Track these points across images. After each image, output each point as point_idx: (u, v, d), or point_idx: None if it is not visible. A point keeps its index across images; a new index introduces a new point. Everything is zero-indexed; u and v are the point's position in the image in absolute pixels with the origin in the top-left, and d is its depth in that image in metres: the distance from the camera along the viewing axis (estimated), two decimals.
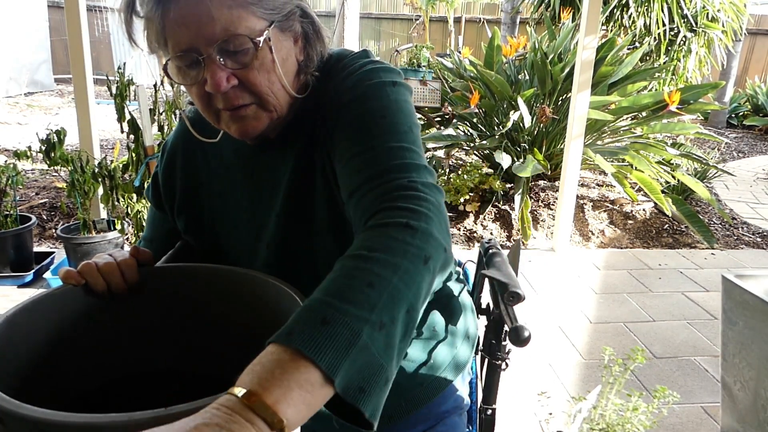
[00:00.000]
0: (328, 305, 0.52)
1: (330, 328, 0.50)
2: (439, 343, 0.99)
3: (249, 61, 0.74)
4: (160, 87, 2.95)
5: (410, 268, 0.57)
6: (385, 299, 0.54)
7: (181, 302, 0.80)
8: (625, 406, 0.95)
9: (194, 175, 0.96)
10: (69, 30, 2.80)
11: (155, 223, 1.05)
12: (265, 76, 0.76)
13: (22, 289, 2.78)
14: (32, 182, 4.21)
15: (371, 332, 0.51)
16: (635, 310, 2.83)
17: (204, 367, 0.79)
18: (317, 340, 0.49)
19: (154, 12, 0.71)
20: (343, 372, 0.49)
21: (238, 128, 0.79)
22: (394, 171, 0.69)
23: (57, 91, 9.18)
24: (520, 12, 8.40)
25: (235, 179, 0.91)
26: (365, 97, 0.77)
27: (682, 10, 5.66)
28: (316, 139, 0.82)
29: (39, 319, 0.71)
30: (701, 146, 6.30)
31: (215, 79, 0.72)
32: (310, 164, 0.83)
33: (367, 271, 0.55)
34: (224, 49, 0.72)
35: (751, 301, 1.45)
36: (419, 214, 0.62)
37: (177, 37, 0.72)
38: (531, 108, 4.04)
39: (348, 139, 0.75)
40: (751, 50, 10.18)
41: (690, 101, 4.01)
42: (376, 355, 0.51)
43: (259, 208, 0.89)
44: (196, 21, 0.70)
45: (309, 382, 0.47)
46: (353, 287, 0.54)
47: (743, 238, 3.97)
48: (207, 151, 0.95)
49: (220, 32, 0.71)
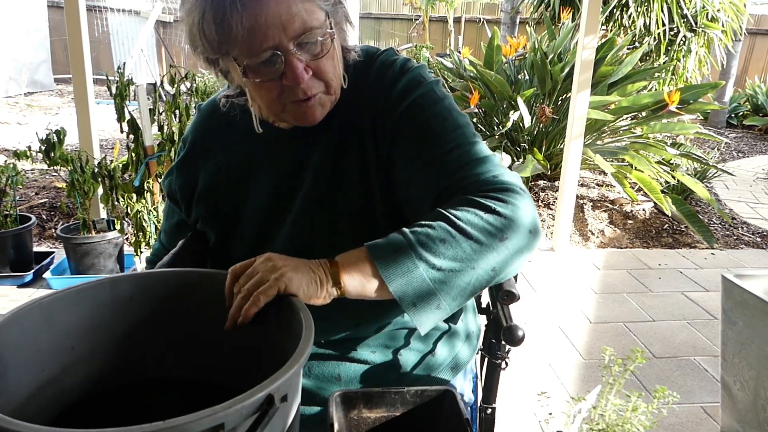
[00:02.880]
0: (407, 242, 0.74)
1: (398, 255, 0.73)
2: (438, 341, 0.99)
3: (321, 52, 0.79)
4: (159, 87, 2.95)
5: (483, 240, 0.75)
6: (452, 254, 0.74)
7: (179, 308, 0.79)
8: (625, 406, 0.95)
9: (214, 164, 0.97)
10: (69, 30, 2.80)
11: (168, 215, 1.08)
12: (331, 64, 0.81)
13: (22, 289, 2.78)
14: (32, 182, 4.21)
15: (427, 268, 0.73)
16: (635, 310, 2.83)
17: (204, 374, 0.79)
18: (386, 258, 0.74)
19: (234, 18, 0.73)
20: (397, 284, 0.73)
21: (304, 117, 0.83)
22: (473, 167, 0.81)
23: (57, 91, 9.17)
24: (519, 12, 8.40)
25: (258, 164, 0.93)
26: (424, 99, 0.85)
27: (681, 10, 5.66)
28: (351, 124, 0.88)
29: (30, 329, 0.68)
30: (701, 146, 6.30)
31: (297, 72, 0.77)
32: (341, 147, 0.88)
33: (447, 232, 0.74)
34: (301, 43, 0.77)
35: (751, 301, 1.44)
36: (505, 202, 0.77)
37: (262, 37, 0.75)
38: (531, 108, 4.04)
39: (421, 143, 0.83)
40: (751, 50, 10.18)
41: (690, 101, 4.01)
42: (432, 285, 0.73)
43: (283, 191, 0.91)
44: (279, 19, 0.74)
45: (368, 276, 0.74)
46: (430, 236, 0.74)
47: (743, 238, 3.97)
48: (227, 141, 0.97)
49: (299, 27, 0.76)
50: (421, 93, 0.86)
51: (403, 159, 0.85)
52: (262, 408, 0.55)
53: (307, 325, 0.66)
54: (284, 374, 0.57)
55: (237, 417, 0.52)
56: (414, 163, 0.83)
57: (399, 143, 0.85)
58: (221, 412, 0.50)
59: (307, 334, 0.65)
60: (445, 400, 0.78)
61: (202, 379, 0.78)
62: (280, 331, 0.71)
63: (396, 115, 0.85)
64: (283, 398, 0.58)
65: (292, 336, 0.66)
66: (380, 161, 0.87)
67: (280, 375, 0.56)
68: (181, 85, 2.84)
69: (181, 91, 2.82)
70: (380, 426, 0.78)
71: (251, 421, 0.54)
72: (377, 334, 0.94)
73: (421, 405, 0.79)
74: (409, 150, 0.84)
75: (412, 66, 0.89)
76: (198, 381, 0.78)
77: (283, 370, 0.57)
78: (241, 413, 0.53)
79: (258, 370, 0.61)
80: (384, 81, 0.87)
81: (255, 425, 0.54)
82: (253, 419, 0.54)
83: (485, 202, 0.77)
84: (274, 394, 0.55)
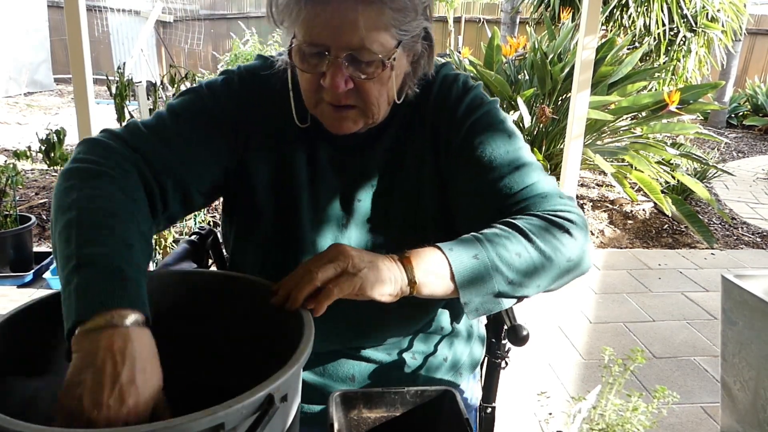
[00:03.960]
0: (486, 251, 0.76)
1: (477, 263, 0.76)
2: (441, 341, 0.99)
3: (371, 75, 0.78)
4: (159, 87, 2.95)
5: (553, 258, 0.79)
6: (524, 268, 0.78)
7: (179, 308, 0.79)
8: (625, 406, 0.95)
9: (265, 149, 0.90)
10: (69, 30, 2.80)
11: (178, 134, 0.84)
12: (378, 89, 0.80)
13: (22, 289, 2.77)
14: (32, 182, 4.21)
15: (501, 281, 0.77)
16: (635, 310, 2.83)
17: (204, 374, 0.78)
18: (464, 265, 0.75)
19: (305, 2, 0.74)
20: (469, 292, 0.76)
21: (333, 123, 0.83)
22: (537, 188, 0.85)
23: (57, 91, 9.17)
24: (519, 12, 8.39)
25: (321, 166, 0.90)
26: (489, 118, 0.88)
27: (681, 10, 5.66)
28: (410, 134, 0.90)
29: (30, 329, 0.68)
30: (701, 146, 6.30)
31: (335, 80, 0.76)
32: (397, 155, 0.90)
33: (523, 247, 0.78)
34: (353, 57, 0.76)
35: (750, 301, 1.44)
36: (575, 224, 0.82)
37: (317, 32, 0.75)
38: (531, 108, 4.04)
39: (485, 160, 0.86)
40: (751, 50, 10.18)
41: (690, 101, 4.01)
42: (498, 295, 0.78)
43: (342, 197, 0.90)
44: (341, 25, 0.74)
45: (443, 278, 0.75)
46: (508, 249, 0.77)
47: (743, 238, 3.97)
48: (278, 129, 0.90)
49: (357, 42, 0.75)
50: (485, 111, 0.89)
51: (464, 174, 0.87)
52: (262, 408, 0.55)
53: (307, 325, 0.66)
54: (284, 374, 0.57)
55: (237, 417, 0.52)
56: (477, 178, 0.86)
57: (462, 159, 0.87)
58: (221, 411, 0.51)
59: (308, 334, 0.65)
60: (445, 400, 0.78)
61: (202, 379, 0.78)
62: (281, 330, 0.71)
63: (460, 131, 0.88)
64: (283, 398, 0.58)
65: (292, 336, 0.66)
66: (438, 173, 0.90)
67: (280, 375, 0.56)
68: (181, 85, 2.84)
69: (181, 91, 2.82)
70: (380, 426, 0.78)
71: (251, 421, 0.54)
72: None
73: (421, 405, 0.78)
74: (472, 166, 0.86)
75: (473, 84, 0.92)
76: (198, 381, 0.78)
77: (283, 370, 0.57)
78: (241, 413, 0.53)
79: (258, 370, 0.61)
80: (449, 97, 0.89)
81: (255, 425, 0.54)
82: (253, 419, 0.54)
83: (554, 219, 0.81)
84: (274, 393, 0.55)
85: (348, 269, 0.70)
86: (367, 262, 0.72)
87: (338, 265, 0.70)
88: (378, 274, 0.71)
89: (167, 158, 0.81)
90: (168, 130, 0.83)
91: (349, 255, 0.71)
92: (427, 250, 0.76)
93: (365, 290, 0.70)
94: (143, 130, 0.82)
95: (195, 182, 0.84)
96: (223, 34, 10.24)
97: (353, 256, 0.71)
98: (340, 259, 0.70)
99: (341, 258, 0.71)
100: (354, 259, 0.71)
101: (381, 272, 0.72)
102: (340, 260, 0.70)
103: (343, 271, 0.70)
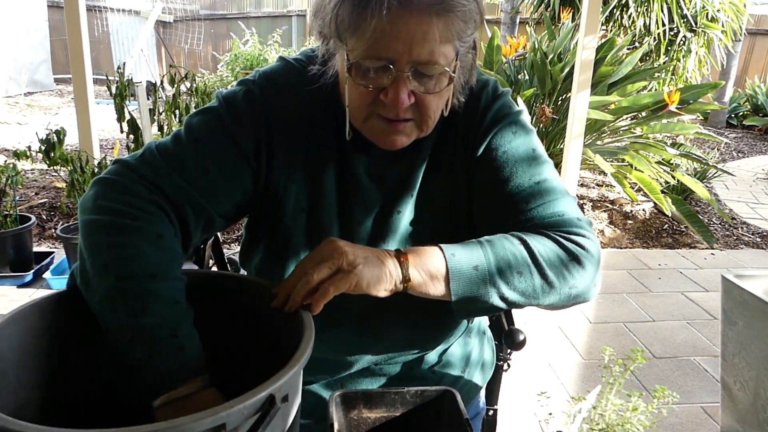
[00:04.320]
0: (488, 263, 0.75)
1: (475, 274, 0.75)
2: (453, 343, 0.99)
3: (434, 88, 0.76)
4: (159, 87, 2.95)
5: (555, 284, 0.77)
6: (522, 288, 0.76)
7: None
8: (625, 406, 0.95)
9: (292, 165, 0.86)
10: (69, 30, 2.80)
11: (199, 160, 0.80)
12: (437, 101, 0.79)
13: (22, 289, 2.77)
14: (32, 182, 4.21)
15: (496, 297, 0.76)
16: (635, 310, 2.83)
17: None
18: (462, 274, 0.74)
19: (374, 13, 0.70)
20: (462, 301, 0.75)
21: (385, 138, 0.80)
22: (557, 204, 0.83)
23: (57, 91, 9.17)
24: (519, 12, 8.39)
25: (356, 177, 0.87)
26: (517, 127, 0.87)
27: (681, 10, 5.66)
28: (445, 142, 0.88)
29: (30, 329, 0.68)
30: (701, 146, 6.30)
31: (399, 95, 0.74)
32: (433, 164, 0.88)
33: (526, 267, 0.76)
34: (418, 71, 0.74)
35: (750, 301, 1.45)
36: (589, 254, 0.80)
37: (385, 46, 0.72)
38: (531, 108, 4.04)
39: (510, 169, 0.85)
40: (751, 50, 10.18)
41: (689, 101, 4.01)
42: (491, 308, 0.77)
43: (380, 208, 0.88)
44: (411, 39, 0.71)
45: (437, 279, 0.74)
46: (510, 266, 0.76)
47: (743, 238, 3.97)
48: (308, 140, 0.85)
49: (425, 55, 0.73)
50: (513, 120, 0.87)
51: (484, 182, 0.86)
52: (263, 408, 0.55)
53: (307, 325, 0.66)
54: (285, 374, 0.57)
55: (238, 417, 0.53)
56: (496, 187, 0.85)
57: (483, 166, 0.86)
58: (223, 412, 0.51)
59: (308, 334, 0.65)
60: (445, 400, 0.78)
61: None
62: (281, 331, 0.71)
63: (485, 138, 0.86)
64: (284, 398, 0.58)
65: (292, 337, 0.66)
66: (469, 181, 0.88)
67: (281, 375, 0.56)
68: (181, 85, 2.84)
69: (181, 91, 2.82)
70: (380, 426, 0.78)
71: (252, 421, 0.54)
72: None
73: (421, 405, 0.78)
74: (493, 174, 0.85)
75: (503, 91, 0.90)
76: None
77: (284, 371, 0.57)
78: (242, 413, 0.53)
79: (259, 371, 0.61)
80: (479, 103, 0.87)
81: (256, 425, 0.54)
82: (254, 419, 0.54)
83: (568, 245, 0.79)
84: (276, 394, 0.55)
85: (343, 267, 0.70)
86: (362, 258, 0.71)
87: (333, 263, 0.69)
88: (373, 270, 0.71)
89: (187, 191, 0.77)
90: (187, 157, 0.79)
91: (343, 252, 0.70)
92: (428, 250, 0.76)
93: (361, 287, 0.70)
94: (160, 161, 0.78)
95: (216, 209, 0.81)
96: (223, 34, 10.24)
97: (347, 252, 0.70)
98: (335, 257, 0.70)
99: (335, 256, 0.70)
100: (348, 256, 0.70)
101: (376, 268, 0.71)
102: (335, 258, 0.70)
103: (338, 268, 0.70)
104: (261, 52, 6.96)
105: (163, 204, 0.75)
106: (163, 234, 0.73)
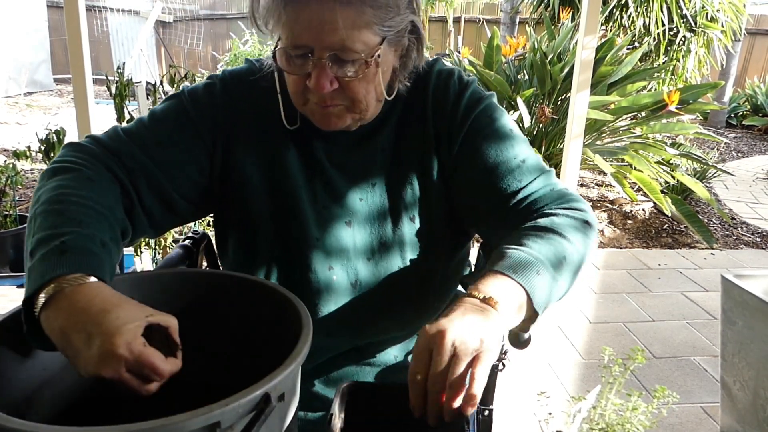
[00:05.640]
0: (543, 264, 0.75)
1: (540, 278, 0.74)
2: None
3: (355, 73, 0.78)
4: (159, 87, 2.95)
5: (585, 253, 0.83)
6: (568, 270, 0.80)
7: (177, 308, 0.78)
8: (625, 406, 0.95)
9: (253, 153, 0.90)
10: (68, 30, 2.80)
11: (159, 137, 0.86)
12: (364, 86, 0.80)
13: (22, 289, 2.77)
14: (32, 182, 4.21)
15: (557, 288, 0.78)
16: (635, 310, 2.83)
17: (202, 374, 0.78)
18: (535, 283, 0.73)
19: (285, 4, 0.75)
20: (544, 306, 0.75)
21: (321, 120, 0.84)
22: (545, 178, 0.88)
23: (56, 91, 9.17)
24: (519, 12, 8.39)
25: (318, 165, 0.90)
26: (491, 111, 0.90)
27: (681, 10, 5.66)
28: (409, 130, 0.91)
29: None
30: (700, 146, 6.30)
31: (320, 81, 0.77)
32: (398, 153, 0.91)
33: (563, 249, 0.79)
34: (336, 57, 0.76)
35: (750, 301, 1.44)
36: (588, 213, 0.85)
37: (298, 34, 0.76)
38: (530, 108, 4.04)
39: (492, 151, 0.87)
40: (751, 50, 10.18)
41: (689, 101, 4.01)
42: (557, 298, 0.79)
43: (340, 193, 0.90)
44: (321, 26, 0.74)
45: (522, 305, 0.73)
46: (558, 256, 0.78)
47: (742, 238, 3.97)
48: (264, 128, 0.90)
49: (338, 42, 0.75)
50: (486, 105, 0.90)
51: (470, 167, 0.88)
52: (258, 407, 0.54)
53: (305, 324, 0.66)
54: (281, 373, 0.56)
55: (233, 415, 0.52)
56: (483, 171, 0.87)
57: (467, 152, 0.88)
58: (217, 410, 0.50)
59: (306, 333, 0.64)
60: None
61: (200, 379, 0.78)
62: (278, 330, 0.71)
63: (464, 125, 0.88)
64: (280, 397, 0.57)
65: (290, 335, 0.66)
66: (442, 168, 0.90)
67: (276, 374, 0.56)
68: (180, 85, 2.84)
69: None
70: (380, 424, 0.78)
71: (247, 420, 0.54)
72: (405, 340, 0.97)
73: None
74: (479, 160, 0.87)
75: (468, 79, 0.92)
76: (197, 381, 0.78)
77: (280, 369, 0.57)
78: (237, 411, 0.52)
79: (256, 369, 0.61)
80: (447, 92, 0.89)
81: (251, 424, 0.54)
82: (249, 418, 0.54)
83: (577, 215, 0.84)
84: (271, 392, 0.55)
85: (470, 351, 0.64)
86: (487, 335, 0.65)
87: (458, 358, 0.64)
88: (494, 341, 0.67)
89: (140, 159, 0.83)
90: (145, 133, 0.85)
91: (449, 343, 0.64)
92: (497, 283, 0.72)
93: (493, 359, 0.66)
94: (122, 134, 0.85)
95: (171, 184, 0.84)
96: (223, 34, 10.24)
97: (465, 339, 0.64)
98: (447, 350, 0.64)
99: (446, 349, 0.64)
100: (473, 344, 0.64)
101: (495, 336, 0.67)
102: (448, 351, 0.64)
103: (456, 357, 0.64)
104: (261, 52, 6.96)
105: (113, 166, 0.81)
106: (95, 180, 0.77)
